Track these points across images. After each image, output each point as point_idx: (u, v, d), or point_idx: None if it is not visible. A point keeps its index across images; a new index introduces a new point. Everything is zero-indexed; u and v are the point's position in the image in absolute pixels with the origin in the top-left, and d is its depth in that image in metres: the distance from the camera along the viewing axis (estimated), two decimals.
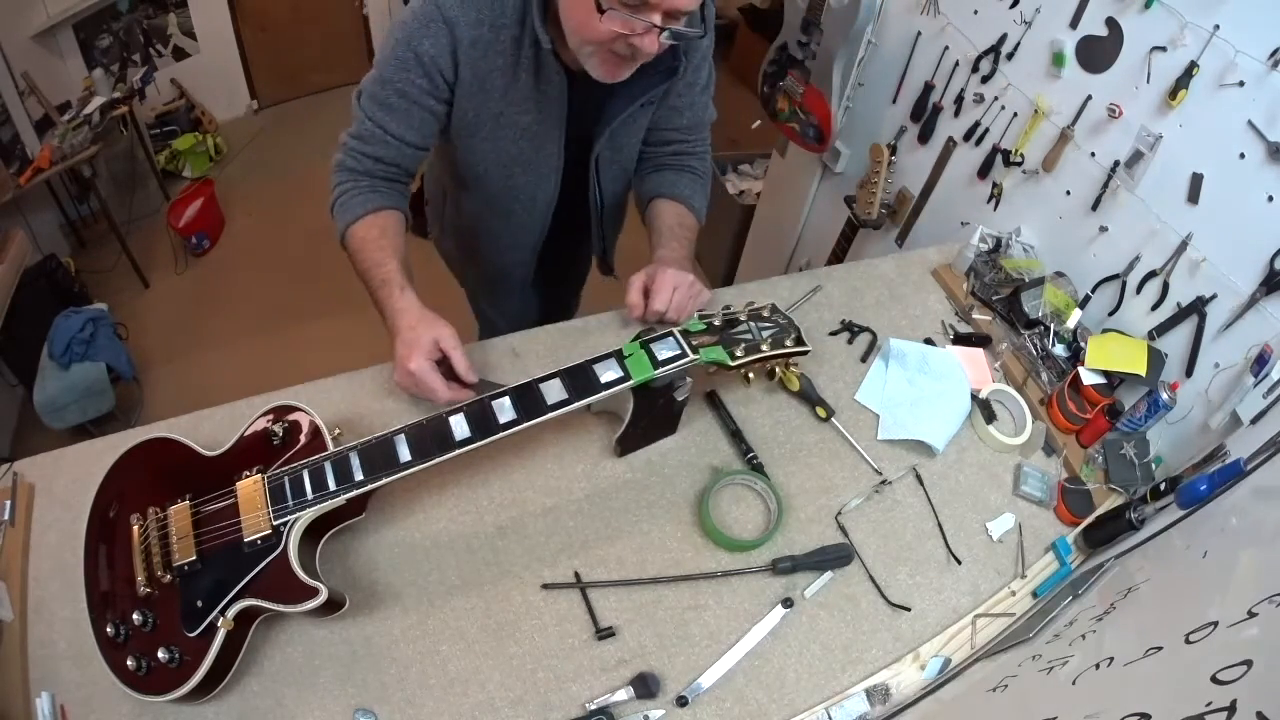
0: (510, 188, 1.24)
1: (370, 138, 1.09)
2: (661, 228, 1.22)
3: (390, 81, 1.04)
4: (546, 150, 1.18)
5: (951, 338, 1.32)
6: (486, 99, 1.09)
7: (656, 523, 1.02)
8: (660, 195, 1.26)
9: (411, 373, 0.97)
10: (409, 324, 1.00)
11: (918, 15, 1.65)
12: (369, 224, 1.08)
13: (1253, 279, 1.08)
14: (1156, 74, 1.17)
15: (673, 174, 1.28)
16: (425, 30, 1.00)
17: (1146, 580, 0.83)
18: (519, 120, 1.12)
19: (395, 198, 1.14)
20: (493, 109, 1.10)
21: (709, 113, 1.27)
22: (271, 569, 0.81)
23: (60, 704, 0.83)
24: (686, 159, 1.29)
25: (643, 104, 1.15)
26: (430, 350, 0.98)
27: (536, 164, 1.20)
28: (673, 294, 1.10)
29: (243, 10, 3.71)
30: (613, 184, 1.32)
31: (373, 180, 1.11)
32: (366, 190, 1.10)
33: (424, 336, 0.99)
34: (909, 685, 0.93)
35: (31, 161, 2.79)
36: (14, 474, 0.99)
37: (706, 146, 1.31)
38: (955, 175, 1.66)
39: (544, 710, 0.87)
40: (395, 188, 1.15)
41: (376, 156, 1.10)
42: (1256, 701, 0.46)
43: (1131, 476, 1.10)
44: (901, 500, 1.09)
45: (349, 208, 1.09)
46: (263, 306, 3.09)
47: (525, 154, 1.18)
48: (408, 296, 1.03)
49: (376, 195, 1.10)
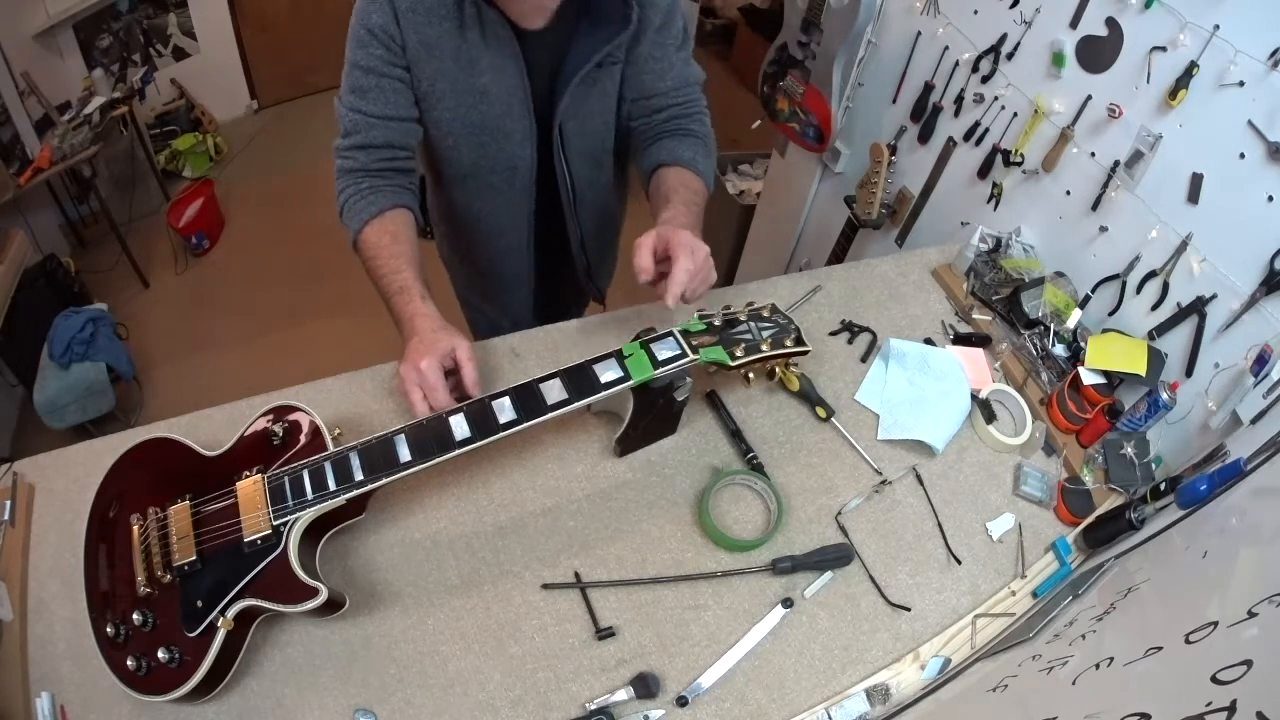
0: (484, 159, 1.21)
1: (354, 128, 1.08)
2: (665, 192, 1.14)
3: (356, 64, 1.06)
4: (514, 114, 1.15)
5: (951, 338, 1.32)
6: (440, 65, 1.07)
7: (656, 523, 1.02)
8: (661, 164, 1.19)
9: (421, 370, 0.93)
10: (431, 327, 0.99)
11: (918, 15, 1.64)
12: (378, 230, 1.07)
13: (1253, 279, 1.08)
14: (1156, 74, 1.17)
15: (671, 140, 1.22)
16: (371, 5, 1.03)
17: (1146, 580, 0.83)
18: (475, 84, 1.10)
19: (400, 193, 1.13)
20: (448, 75, 1.09)
21: (692, 70, 1.22)
22: (271, 569, 0.81)
23: (60, 704, 0.83)
24: (682, 121, 1.23)
25: (600, 63, 1.11)
26: (446, 355, 0.97)
27: (506, 130, 1.17)
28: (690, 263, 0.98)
29: (243, 10, 3.72)
30: (585, 167, 1.28)
31: (372, 178, 1.10)
32: (368, 191, 1.09)
33: (443, 342, 0.98)
34: (909, 685, 0.93)
35: (31, 161, 2.79)
36: (14, 474, 0.99)
37: (701, 106, 1.25)
38: (955, 175, 1.66)
39: (544, 710, 0.87)
40: (397, 179, 1.13)
41: (365, 145, 1.09)
42: (1256, 701, 0.46)
43: (1131, 476, 1.10)
44: (901, 500, 1.09)
45: (355, 212, 1.09)
46: (263, 306, 3.10)
47: (491, 120, 1.15)
48: (429, 304, 1.02)
49: (379, 195, 1.09)
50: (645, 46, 1.15)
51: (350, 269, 1.10)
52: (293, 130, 3.97)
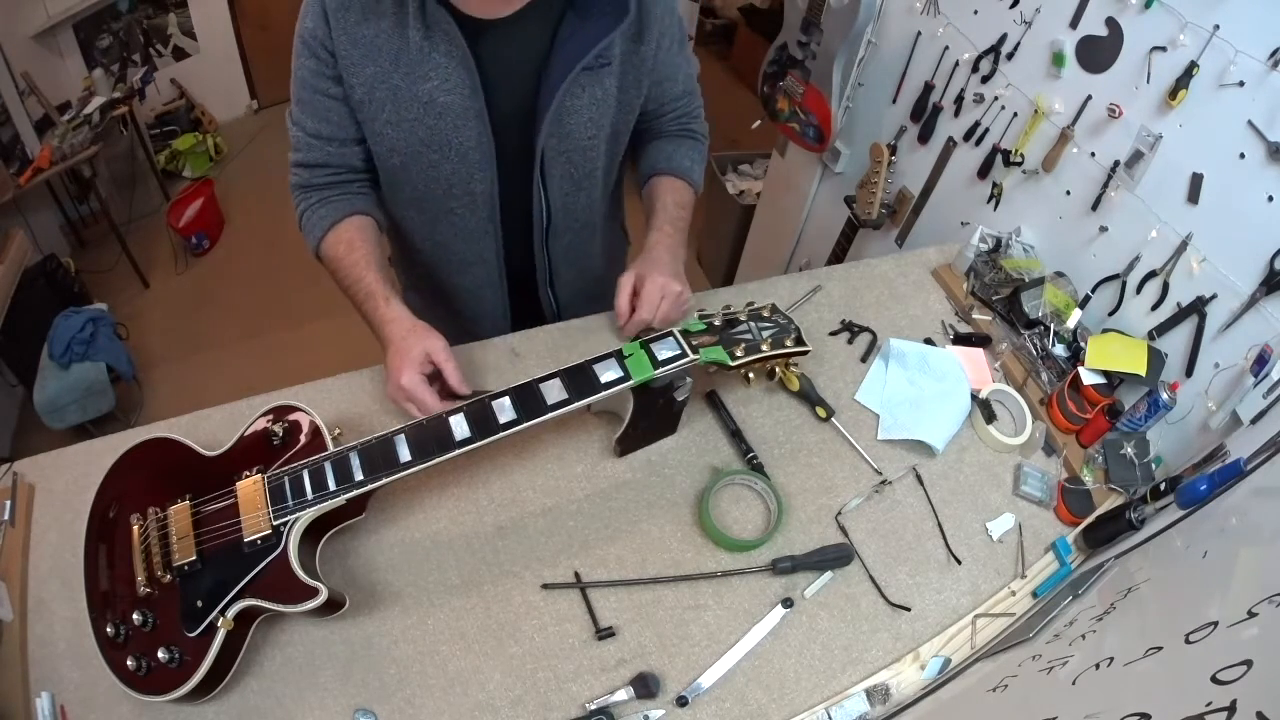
0: (436, 179, 1.06)
1: (297, 144, 1.04)
2: (656, 207, 1.14)
3: (295, 74, 0.98)
4: (467, 129, 1.00)
5: (951, 338, 1.32)
6: (377, 69, 0.95)
7: (656, 523, 1.02)
8: (659, 171, 1.18)
9: (403, 387, 0.94)
10: (400, 334, 0.97)
11: (918, 15, 1.65)
12: (333, 243, 1.04)
13: (1253, 279, 1.08)
14: (1156, 74, 1.17)
15: (671, 144, 1.19)
16: (307, 8, 0.93)
17: (1146, 580, 0.83)
18: (418, 91, 0.96)
19: (352, 200, 1.07)
20: (387, 82, 0.95)
21: (693, 63, 1.17)
22: (271, 569, 0.81)
23: (60, 704, 0.83)
24: (687, 121, 1.21)
25: (589, 65, 0.98)
26: (422, 363, 0.95)
27: (459, 147, 1.02)
28: (660, 303, 1.05)
29: (243, 10, 3.72)
30: (565, 193, 1.13)
31: (321, 191, 1.06)
32: (318, 205, 1.05)
33: (415, 349, 0.95)
34: (909, 685, 0.93)
35: (31, 161, 2.80)
36: (14, 474, 0.99)
37: (701, 103, 1.23)
38: (955, 175, 1.66)
39: (544, 710, 0.87)
40: (348, 189, 1.07)
41: (309, 163, 1.04)
42: (1256, 701, 0.46)
43: (1131, 476, 1.10)
44: (901, 500, 1.09)
45: (310, 228, 1.05)
46: (263, 306, 3.10)
47: (440, 135, 1.00)
48: (394, 306, 0.99)
49: (329, 207, 1.05)
50: (651, 48, 1.03)
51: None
52: None
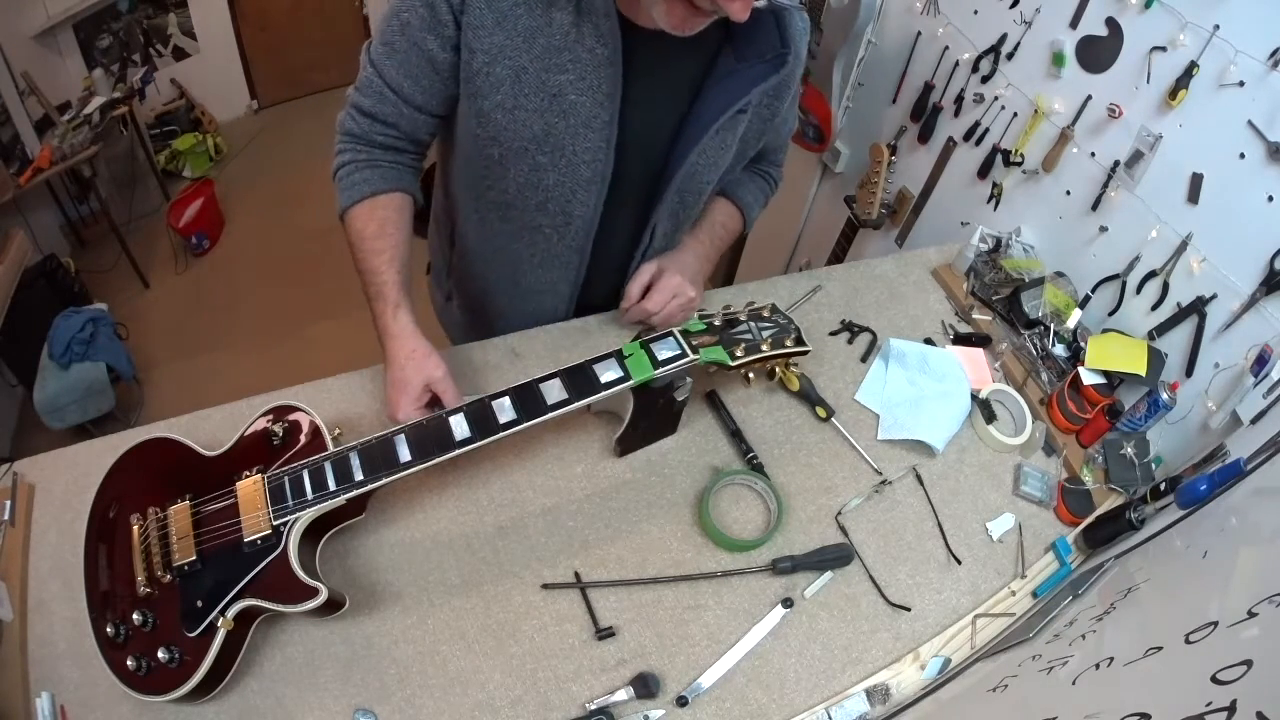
0: (535, 186, 0.95)
1: (367, 87, 0.93)
2: (706, 224, 1.14)
3: (397, 13, 0.87)
4: (588, 138, 0.90)
5: (951, 338, 1.32)
6: (505, 40, 0.84)
7: (656, 523, 1.02)
8: (723, 193, 1.16)
9: (399, 421, 0.90)
10: (400, 357, 0.92)
11: (918, 15, 1.65)
12: (367, 214, 0.95)
13: (1253, 279, 1.08)
14: (1156, 74, 1.17)
15: (744, 176, 1.17)
16: None
17: (1146, 580, 0.83)
18: (548, 81, 0.86)
19: (401, 173, 0.99)
20: (512, 60, 0.85)
21: (795, 121, 1.15)
22: (271, 569, 0.81)
23: (60, 704, 0.83)
24: (766, 166, 1.20)
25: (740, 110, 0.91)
26: (420, 396, 0.92)
27: (571, 157, 0.91)
28: (669, 302, 1.06)
29: (243, 10, 3.72)
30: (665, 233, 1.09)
31: (373, 151, 0.97)
32: (365, 165, 0.96)
33: (414, 380, 0.91)
34: (909, 685, 0.93)
35: (31, 161, 2.80)
36: (14, 474, 0.99)
37: (786, 154, 1.22)
38: (955, 175, 1.66)
39: (544, 710, 0.87)
40: (401, 159, 0.99)
41: (373, 114, 0.94)
42: (1256, 701, 0.46)
43: (1131, 476, 1.10)
44: (901, 500, 1.09)
45: (346, 185, 0.96)
46: (263, 306, 3.10)
47: (556, 136, 0.90)
48: (401, 319, 0.94)
49: (376, 171, 0.96)
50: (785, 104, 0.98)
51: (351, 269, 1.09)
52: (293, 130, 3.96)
